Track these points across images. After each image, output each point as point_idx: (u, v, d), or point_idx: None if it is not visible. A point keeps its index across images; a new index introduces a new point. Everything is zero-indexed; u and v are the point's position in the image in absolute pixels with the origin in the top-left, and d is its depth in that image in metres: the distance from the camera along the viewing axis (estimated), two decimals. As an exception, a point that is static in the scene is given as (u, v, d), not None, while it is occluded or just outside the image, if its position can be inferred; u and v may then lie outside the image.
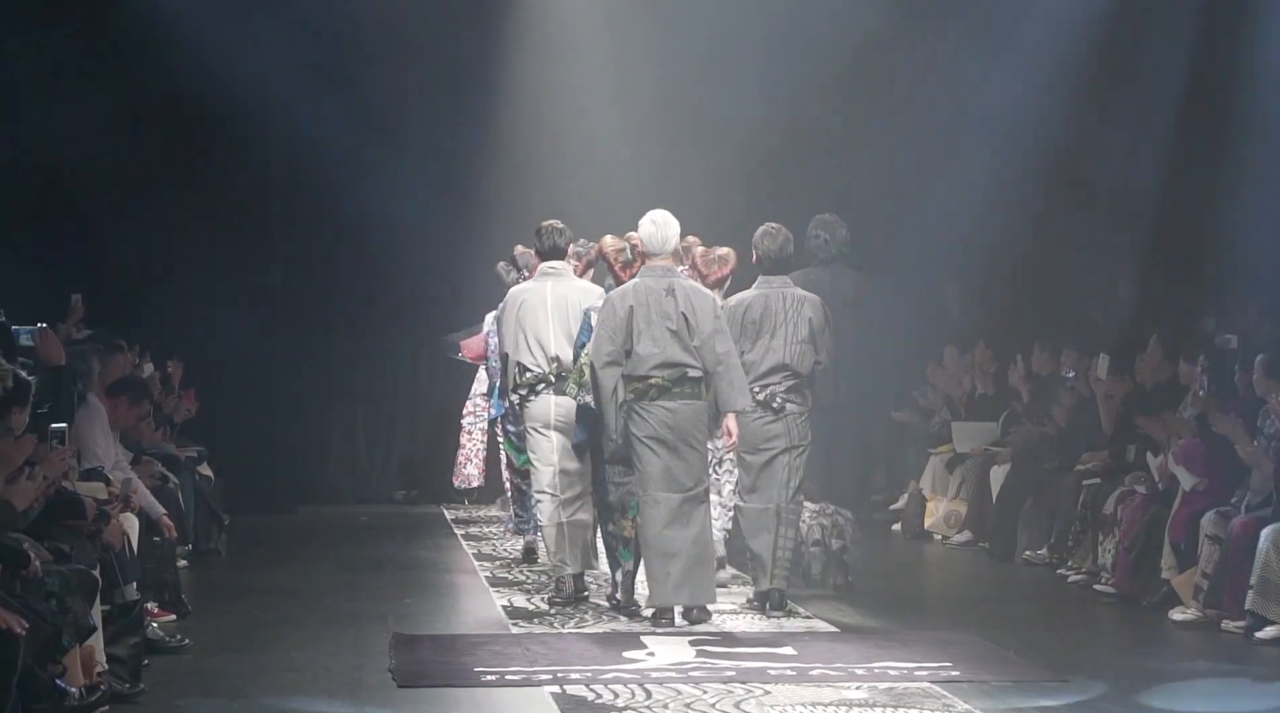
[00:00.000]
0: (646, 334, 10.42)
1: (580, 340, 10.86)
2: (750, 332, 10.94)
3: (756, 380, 10.84)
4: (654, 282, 10.54)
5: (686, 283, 10.76)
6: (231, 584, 12.42)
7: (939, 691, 8.85)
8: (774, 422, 10.91)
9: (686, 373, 10.44)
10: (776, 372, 10.94)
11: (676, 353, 10.41)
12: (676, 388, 10.44)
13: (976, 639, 10.27)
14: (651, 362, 10.42)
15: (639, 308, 10.45)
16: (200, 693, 8.87)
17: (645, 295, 10.49)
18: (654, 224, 10.61)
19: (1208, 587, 10.82)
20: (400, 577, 12.81)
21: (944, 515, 14.95)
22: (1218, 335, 12.79)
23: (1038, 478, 13.67)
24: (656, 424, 10.43)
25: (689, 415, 10.47)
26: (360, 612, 11.27)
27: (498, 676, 9.21)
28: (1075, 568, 12.73)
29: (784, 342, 10.93)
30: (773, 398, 10.90)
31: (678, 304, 10.45)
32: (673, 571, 10.40)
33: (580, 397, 10.75)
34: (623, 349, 10.44)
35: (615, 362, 10.46)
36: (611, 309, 10.53)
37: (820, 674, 9.21)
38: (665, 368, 10.43)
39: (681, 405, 10.44)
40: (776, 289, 11.09)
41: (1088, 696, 8.84)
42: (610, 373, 10.45)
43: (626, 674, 9.18)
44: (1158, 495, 11.73)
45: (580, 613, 11.02)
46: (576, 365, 10.83)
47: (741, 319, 10.96)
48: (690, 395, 10.47)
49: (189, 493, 12.84)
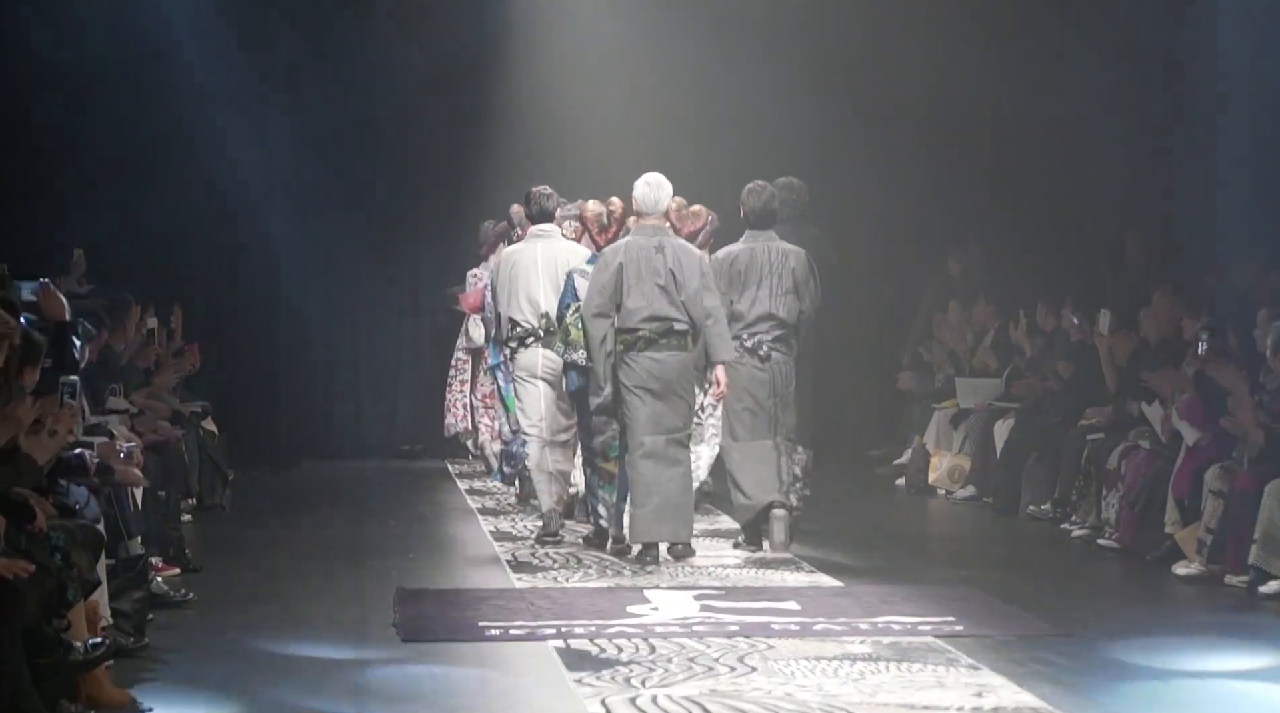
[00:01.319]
0: (636, 289, 11.00)
1: (564, 301, 11.45)
2: (737, 283, 11.46)
3: (744, 329, 11.41)
4: (645, 240, 11.11)
5: (676, 241, 11.33)
6: (236, 539, 12.44)
7: (942, 645, 8.87)
8: (761, 369, 11.44)
9: (673, 326, 11.02)
10: (763, 321, 11.47)
11: (664, 307, 10.99)
12: (663, 340, 11.02)
13: (980, 594, 10.29)
14: (640, 315, 10.99)
15: (629, 264, 11.02)
16: (204, 647, 8.88)
17: (636, 252, 11.06)
18: (647, 185, 11.20)
19: (1211, 542, 10.82)
20: (404, 531, 12.83)
21: (948, 470, 14.96)
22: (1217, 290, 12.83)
23: (1042, 433, 13.67)
24: (644, 374, 11.00)
25: (675, 366, 11.04)
26: (364, 566, 11.29)
27: (502, 630, 9.23)
28: (1079, 523, 12.74)
29: (769, 292, 11.47)
30: (760, 346, 11.44)
31: (666, 261, 11.03)
32: (656, 508, 10.95)
33: (567, 354, 11.30)
34: (612, 302, 11.02)
35: (604, 314, 11.03)
36: (604, 265, 11.12)
37: (824, 629, 9.23)
38: (653, 321, 11.00)
39: (668, 356, 11.02)
40: (762, 243, 11.58)
41: (1091, 650, 8.85)
42: (599, 325, 11.02)
43: (630, 628, 9.20)
44: (1161, 449, 11.73)
45: (584, 568, 11.05)
46: (562, 324, 11.38)
47: (728, 271, 11.47)
48: (676, 347, 11.04)
49: (193, 448, 12.84)
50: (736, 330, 11.33)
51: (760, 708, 7.64)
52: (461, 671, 8.44)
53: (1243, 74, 14.15)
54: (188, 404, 13.02)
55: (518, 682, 8.29)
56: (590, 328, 11.01)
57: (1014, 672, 8.30)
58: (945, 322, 15.95)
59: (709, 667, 8.39)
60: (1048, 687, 8.02)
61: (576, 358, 11.22)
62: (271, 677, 8.29)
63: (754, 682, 8.11)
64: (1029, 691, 7.94)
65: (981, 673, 8.29)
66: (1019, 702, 7.76)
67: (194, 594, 10.00)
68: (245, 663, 8.55)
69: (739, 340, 11.32)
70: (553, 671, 8.39)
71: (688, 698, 7.79)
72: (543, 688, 8.12)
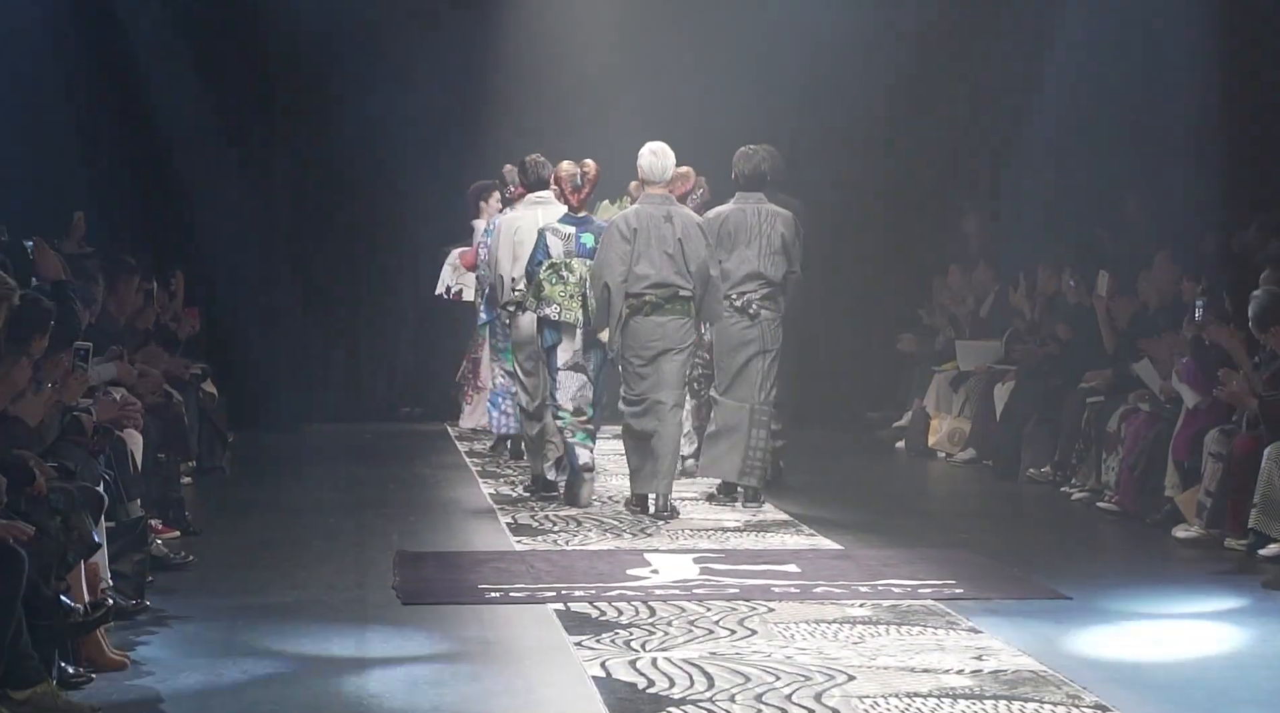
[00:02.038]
0: (645, 257, 11.41)
1: (536, 258, 11.80)
2: (726, 242, 11.83)
3: (733, 287, 11.78)
4: (654, 208, 11.53)
5: (683, 211, 11.74)
6: (235, 502, 12.45)
7: (942, 608, 8.87)
8: (750, 327, 11.82)
9: (678, 292, 11.46)
10: (751, 280, 11.83)
11: (670, 275, 11.42)
12: (668, 305, 11.46)
13: (980, 557, 10.30)
14: (647, 281, 11.40)
15: (640, 232, 11.43)
16: (204, 610, 8.89)
17: (646, 221, 11.47)
18: (654, 154, 11.61)
19: (1211, 505, 10.81)
20: (404, 494, 12.84)
21: (948, 433, 14.96)
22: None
23: (1042, 396, 13.66)
24: (646, 337, 11.46)
25: (676, 330, 11.50)
26: (364, 529, 11.30)
27: (502, 593, 9.24)
28: (1079, 486, 12.75)
29: (758, 252, 11.84)
30: (749, 305, 11.81)
31: (675, 231, 11.45)
32: (649, 464, 11.50)
33: (539, 309, 11.72)
34: (631, 270, 11.40)
35: (625, 281, 11.42)
36: (619, 234, 11.46)
37: (824, 592, 9.24)
38: (659, 288, 11.42)
39: (670, 321, 11.48)
40: (752, 204, 11.95)
41: (1091, 613, 8.86)
42: (621, 292, 11.40)
43: (630, 592, 9.20)
44: (1161, 411, 11.71)
45: (584, 530, 11.07)
46: (534, 281, 11.75)
47: (718, 231, 11.83)
48: (679, 312, 11.50)
49: (193, 410, 12.83)
50: (725, 289, 11.69)
51: (760, 671, 7.65)
52: (461, 633, 8.44)
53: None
54: (187, 366, 13.01)
55: (518, 645, 8.29)
56: (614, 298, 11.37)
57: (1013, 635, 8.30)
58: (945, 285, 15.95)
59: (709, 630, 8.39)
60: (1047, 650, 8.03)
61: (549, 312, 11.64)
62: (271, 639, 8.30)
63: (754, 645, 8.12)
64: (1028, 654, 7.94)
65: (981, 636, 8.30)
66: (1018, 665, 7.77)
67: (194, 557, 10.02)
68: (245, 626, 8.55)
69: (728, 299, 11.71)
70: (553, 634, 8.40)
71: (687, 661, 7.80)
72: (543, 651, 8.13)
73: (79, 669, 7.45)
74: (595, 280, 11.46)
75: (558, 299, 11.63)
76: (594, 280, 11.48)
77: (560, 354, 11.72)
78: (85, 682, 7.41)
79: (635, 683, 7.48)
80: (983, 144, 16.59)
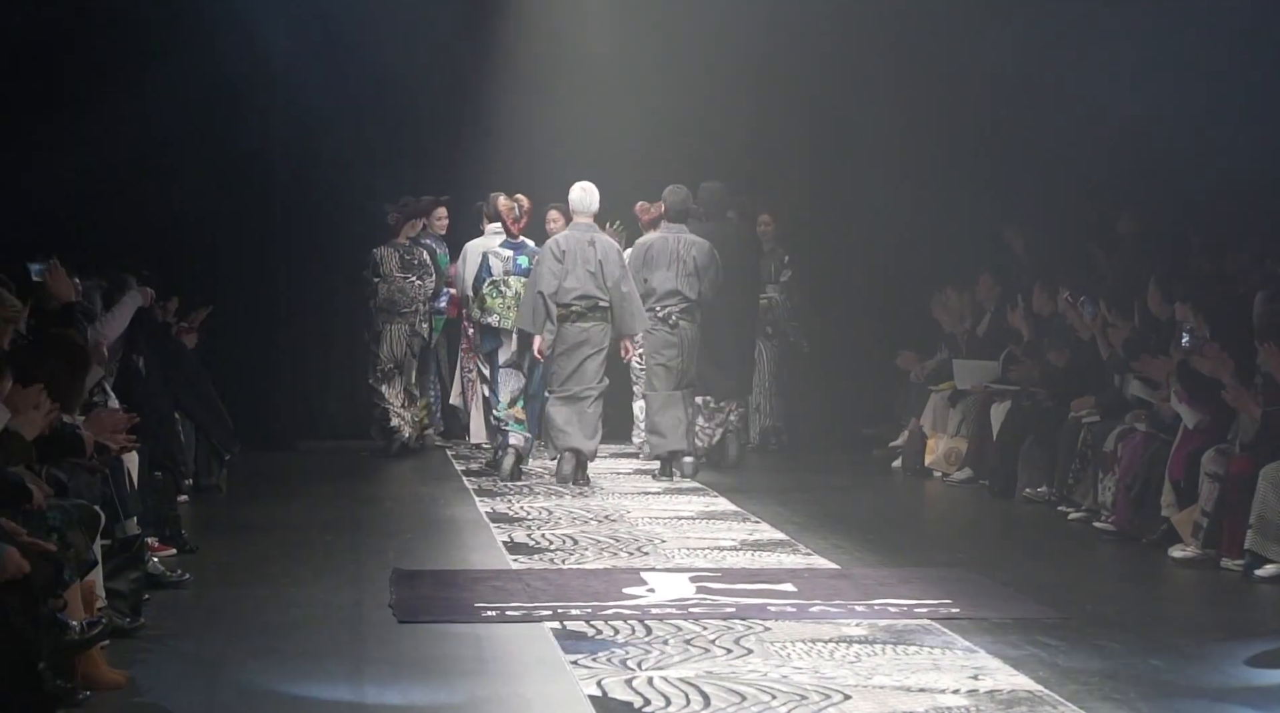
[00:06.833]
0: (573, 273, 13.87)
1: (481, 276, 14.34)
2: (651, 264, 14.52)
3: (657, 302, 14.43)
4: (580, 234, 13.98)
5: (603, 237, 14.17)
6: (232, 520, 12.45)
7: (939, 627, 8.88)
8: (670, 334, 14.45)
9: (598, 303, 13.94)
10: (671, 296, 14.48)
11: (592, 289, 13.89)
12: (590, 313, 13.93)
13: (976, 577, 10.30)
14: (574, 294, 13.87)
15: (569, 253, 13.86)
16: (200, 628, 8.90)
17: (574, 244, 13.92)
18: (583, 191, 14.07)
19: (1207, 525, 10.82)
20: (400, 512, 12.84)
21: (944, 453, 14.97)
22: None
23: (1038, 416, 13.66)
24: (572, 340, 13.90)
25: (596, 333, 13.98)
26: (361, 547, 11.30)
27: (498, 611, 9.24)
28: (1075, 505, 12.75)
29: (676, 274, 14.47)
30: (670, 316, 14.46)
31: (596, 253, 13.91)
32: (569, 432, 13.93)
33: (482, 318, 14.27)
34: (561, 284, 13.77)
35: (556, 292, 13.77)
36: (552, 254, 13.90)
37: (820, 611, 9.24)
38: (583, 299, 13.89)
39: (592, 326, 13.96)
40: (675, 234, 14.58)
41: (1087, 632, 8.86)
42: (552, 302, 13.75)
43: (626, 610, 9.21)
44: (1158, 431, 11.71)
45: (580, 549, 11.07)
46: (478, 294, 14.32)
47: (644, 255, 14.56)
48: (599, 319, 13.96)
49: (190, 429, 12.83)
50: (650, 303, 14.32)
51: (756, 690, 7.65)
52: (458, 652, 8.44)
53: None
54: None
55: (514, 664, 8.29)
56: (548, 304, 13.75)
57: (1010, 655, 8.30)
58: (942, 304, 15.93)
59: (705, 649, 8.40)
60: (1043, 670, 8.03)
61: (490, 322, 14.24)
62: (267, 658, 8.29)
63: (750, 664, 8.12)
64: (1025, 673, 7.95)
65: (977, 656, 8.30)
66: (1014, 685, 7.77)
67: (190, 575, 10.01)
68: (241, 644, 8.55)
69: (653, 312, 14.33)
70: (549, 652, 8.40)
71: (684, 680, 7.80)
72: (539, 670, 8.13)
73: (76, 687, 7.43)
74: (530, 290, 13.83)
75: (498, 310, 14.23)
76: (529, 290, 13.84)
77: (501, 355, 14.23)
78: (82, 700, 7.40)
79: (631, 702, 7.47)
80: (983, 161, 16.61)
